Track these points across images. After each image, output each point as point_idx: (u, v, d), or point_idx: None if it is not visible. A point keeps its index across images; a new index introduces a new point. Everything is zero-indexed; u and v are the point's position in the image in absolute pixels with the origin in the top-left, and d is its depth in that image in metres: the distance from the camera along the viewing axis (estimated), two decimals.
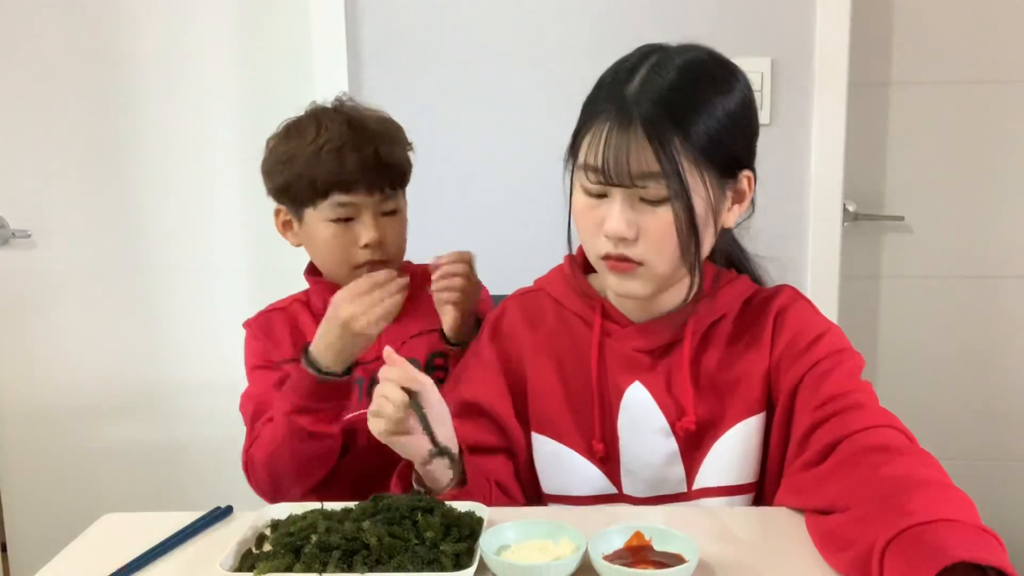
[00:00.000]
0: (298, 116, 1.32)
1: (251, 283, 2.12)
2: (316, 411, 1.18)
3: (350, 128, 1.27)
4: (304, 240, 1.33)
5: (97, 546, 0.99)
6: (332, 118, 1.28)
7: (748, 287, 1.13)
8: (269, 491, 1.23)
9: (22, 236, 2.11)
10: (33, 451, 2.19)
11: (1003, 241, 2.07)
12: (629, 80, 0.99)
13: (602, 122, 0.98)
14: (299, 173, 1.26)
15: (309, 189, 1.26)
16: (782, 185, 1.90)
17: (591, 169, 0.99)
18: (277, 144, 1.31)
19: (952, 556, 0.71)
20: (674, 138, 0.96)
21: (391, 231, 1.30)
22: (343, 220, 1.27)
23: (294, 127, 1.30)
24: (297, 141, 1.28)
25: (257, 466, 1.23)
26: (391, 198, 1.30)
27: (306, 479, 1.22)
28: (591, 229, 1.03)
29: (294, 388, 1.19)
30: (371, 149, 1.26)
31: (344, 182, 1.25)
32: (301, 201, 1.29)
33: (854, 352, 1.07)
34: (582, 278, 1.14)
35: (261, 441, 1.23)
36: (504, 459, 1.12)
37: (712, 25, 1.87)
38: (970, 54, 2.01)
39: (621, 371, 1.10)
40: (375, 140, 1.27)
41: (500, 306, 1.20)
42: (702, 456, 1.09)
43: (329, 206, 1.26)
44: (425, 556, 0.83)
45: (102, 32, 2.05)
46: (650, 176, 0.96)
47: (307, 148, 1.25)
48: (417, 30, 1.93)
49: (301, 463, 1.20)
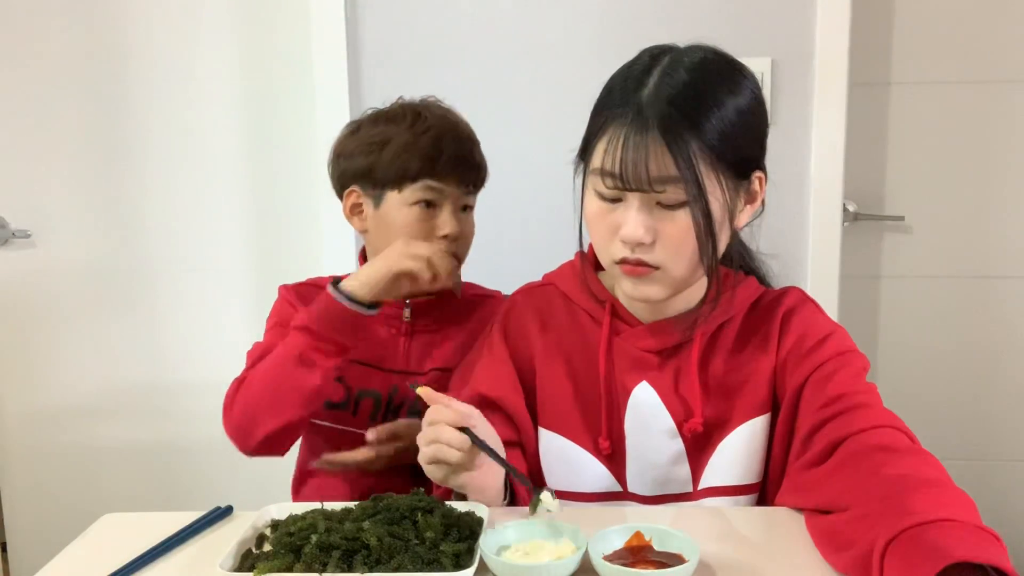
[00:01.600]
0: (382, 107, 1.35)
1: (251, 283, 2.12)
2: (322, 338, 1.18)
3: (447, 123, 1.31)
4: (376, 225, 1.32)
5: (97, 546, 0.99)
6: (430, 111, 1.31)
7: (756, 289, 1.14)
8: (240, 418, 1.21)
9: (22, 236, 2.11)
10: (33, 451, 2.19)
11: (1003, 241, 2.07)
12: (642, 84, 0.98)
13: (618, 127, 0.97)
14: (394, 155, 1.27)
15: (400, 171, 1.27)
16: (782, 185, 1.88)
17: (608, 174, 0.98)
18: (366, 128, 1.32)
19: (952, 556, 0.71)
20: (691, 142, 0.95)
21: (467, 227, 1.33)
22: (426, 205, 1.28)
23: (383, 115, 1.33)
24: (392, 125, 1.29)
25: (240, 386, 1.23)
26: (472, 195, 1.33)
27: (279, 409, 1.19)
28: (606, 234, 1.02)
29: (311, 311, 1.20)
30: (468, 145, 1.31)
31: (438, 170, 1.27)
32: (386, 183, 1.29)
33: (859, 354, 1.07)
34: (593, 275, 1.15)
35: (252, 370, 1.23)
36: (519, 454, 1.13)
37: (712, 25, 1.87)
38: (970, 54, 2.01)
39: (629, 370, 1.10)
40: (471, 140, 1.32)
41: (509, 300, 1.21)
42: (708, 456, 1.09)
43: (418, 189, 1.27)
44: (425, 556, 0.83)
45: (102, 32, 2.05)
46: (669, 180, 0.96)
47: (405, 132, 1.28)
48: (417, 30, 1.93)
49: (281, 387, 1.19)
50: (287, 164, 2.06)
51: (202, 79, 2.06)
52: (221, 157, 2.08)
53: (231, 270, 2.12)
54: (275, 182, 2.08)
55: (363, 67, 1.94)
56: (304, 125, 2.00)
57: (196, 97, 2.06)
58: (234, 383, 1.25)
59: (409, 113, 1.30)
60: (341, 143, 1.34)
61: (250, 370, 1.24)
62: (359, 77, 1.94)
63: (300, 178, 2.05)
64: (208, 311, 2.13)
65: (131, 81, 2.06)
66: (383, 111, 1.34)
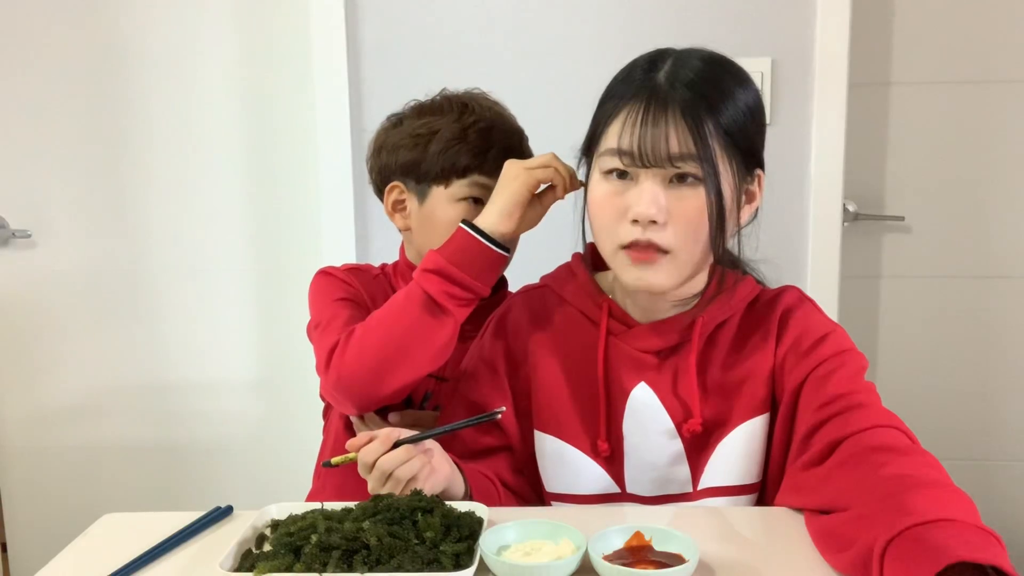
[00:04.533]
0: (425, 99, 1.28)
1: (251, 283, 2.12)
2: (457, 282, 1.07)
3: (495, 116, 1.25)
4: (420, 222, 1.26)
5: (97, 546, 0.99)
6: (477, 103, 1.26)
7: (754, 288, 1.13)
8: (358, 373, 1.08)
9: (22, 236, 2.11)
10: (33, 451, 2.19)
11: (1003, 241, 2.07)
12: (655, 70, 1.00)
13: (633, 108, 0.99)
14: (441, 148, 1.21)
15: (449, 166, 1.22)
16: (782, 185, 1.89)
17: (624, 153, 0.99)
18: (409, 120, 1.26)
19: (952, 556, 0.71)
20: (708, 122, 0.97)
21: None
22: (473, 202, 1.22)
23: (427, 107, 1.27)
24: (438, 117, 1.24)
25: (349, 339, 1.09)
26: None
27: (411, 362, 1.08)
28: (614, 216, 1.01)
29: (443, 251, 1.09)
30: (517, 139, 1.25)
31: (488, 164, 1.21)
32: (433, 178, 1.23)
33: (858, 353, 1.07)
34: (589, 277, 1.14)
35: (366, 322, 1.10)
36: (505, 456, 1.13)
37: (712, 25, 1.87)
38: (970, 54, 2.01)
39: (627, 371, 1.10)
40: (520, 132, 1.26)
41: (505, 303, 1.20)
42: (707, 456, 1.09)
43: (466, 185, 1.22)
44: (425, 556, 0.83)
45: (102, 32, 2.05)
46: (688, 157, 0.97)
47: (452, 125, 1.22)
48: (417, 30, 1.93)
49: (412, 336, 1.07)
50: (287, 164, 2.06)
51: (202, 79, 2.06)
52: (221, 157, 2.08)
53: (231, 270, 2.12)
54: (275, 182, 2.08)
55: (363, 67, 1.94)
56: (304, 125, 2.00)
57: (196, 97, 2.06)
58: (332, 340, 1.10)
59: (456, 105, 1.25)
60: (382, 136, 1.29)
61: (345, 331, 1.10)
62: (359, 77, 1.94)
63: (300, 178, 2.06)
64: (208, 311, 2.13)
65: (131, 81, 2.06)
66: (427, 103, 1.28)
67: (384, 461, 0.95)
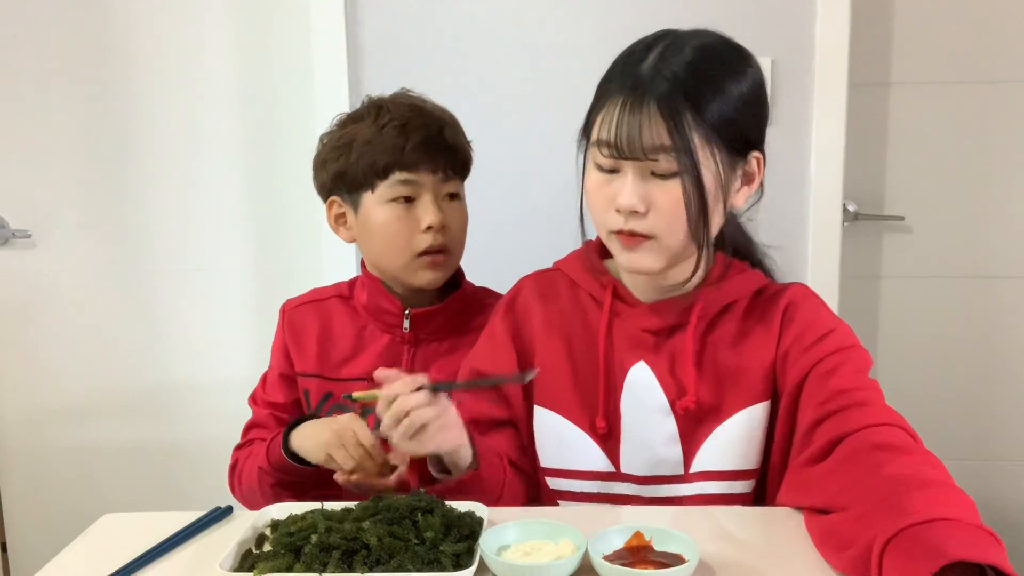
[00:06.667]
0: (354, 109, 1.30)
1: (251, 283, 2.12)
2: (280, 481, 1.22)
3: (412, 110, 1.25)
4: (360, 231, 1.28)
5: (97, 546, 0.99)
6: (394, 102, 1.26)
7: (759, 279, 1.14)
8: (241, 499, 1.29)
9: (22, 236, 2.11)
10: (33, 451, 2.19)
11: (1003, 241, 2.07)
12: (643, 59, 1.02)
13: (615, 98, 1.00)
14: (360, 154, 1.22)
15: (369, 169, 1.22)
16: (782, 185, 1.89)
17: (604, 144, 1.01)
18: (333, 133, 1.28)
19: (951, 555, 0.71)
20: (686, 113, 0.98)
21: (453, 217, 1.26)
22: (404, 201, 1.23)
23: (350, 116, 1.28)
24: (356, 125, 1.25)
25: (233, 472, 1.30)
26: (452, 181, 1.26)
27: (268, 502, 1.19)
28: (603, 204, 1.04)
29: (269, 453, 1.22)
30: (436, 128, 1.24)
31: (406, 160, 1.21)
32: (359, 185, 1.24)
33: (862, 350, 1.08)
34: (598, 261, 1.16)
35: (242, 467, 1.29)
36: (511, 433, 1.15)
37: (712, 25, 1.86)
38: (970, 54, 2.01)
39: (627, 350, 1.11)
40: (439, 121, 1.25)
41: (517, 284, 1.23)
42: (701, 440, 1.09)
43: (390, 185, 1.22)
44: (425, 556, 0.84)
45: (102, 32, 2.05)
46: (662, 150, 0.98)
47: (367, 129, 1.23)
48: (417, 30, 1.93)
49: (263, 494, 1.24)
50: (287, 164, 2.06)
51: (202, 79, 2.05)
52: (221, 157, 2.08)
53: (231, 270, 2.12)
54: (275, 182, 2.08)
55: (363, 67, 1.94)
56: (304, 125, 1.99)
57: (196, 97, 2.06)
58: (233, 455, 1.31)
59: (371, 110, 1.25)
60: (317, 154, 1.30)
61: (247, 436, 1.31)
62: (359, 77, 1.94)
63: (300, 178, 2.03)
64: (208, 311, 2.13)
65: (131, 81, 2.06)
66: (349, 114, 1.29)
67: (404, 400, 0.96)
